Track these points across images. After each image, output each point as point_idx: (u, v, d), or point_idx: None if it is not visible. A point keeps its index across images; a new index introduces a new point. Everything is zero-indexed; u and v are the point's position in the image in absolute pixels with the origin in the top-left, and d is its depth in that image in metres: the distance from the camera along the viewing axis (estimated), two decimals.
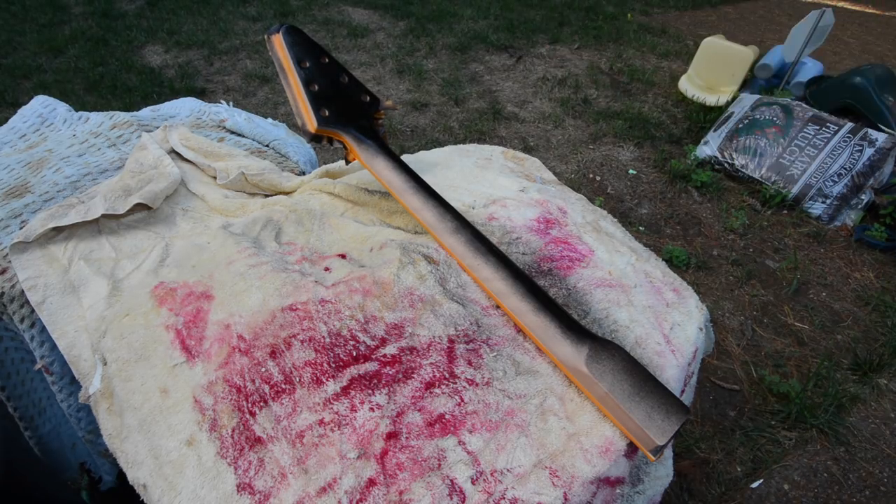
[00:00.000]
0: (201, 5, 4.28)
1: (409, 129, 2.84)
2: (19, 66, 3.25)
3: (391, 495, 0.48)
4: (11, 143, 0.99)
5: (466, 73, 3.45)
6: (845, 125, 2.34)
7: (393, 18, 4.22)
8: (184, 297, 0.64)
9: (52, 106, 1.08)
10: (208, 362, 0.57)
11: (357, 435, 0.52)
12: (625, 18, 4.49)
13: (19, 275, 0.67)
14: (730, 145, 2.54)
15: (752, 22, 4.80)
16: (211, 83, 3.19)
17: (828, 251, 2.19)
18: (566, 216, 0.80)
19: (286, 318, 0.60)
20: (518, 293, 0.60)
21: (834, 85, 2.74)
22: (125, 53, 3.48)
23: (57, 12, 4.06)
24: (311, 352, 0.57)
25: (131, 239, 0.74)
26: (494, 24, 4.19)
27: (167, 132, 0.93)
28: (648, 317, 0.67)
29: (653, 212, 2.37)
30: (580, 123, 2.98)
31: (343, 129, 0.70)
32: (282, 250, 0.73)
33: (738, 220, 2.29)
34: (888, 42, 4.58)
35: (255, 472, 0.50)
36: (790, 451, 1.48)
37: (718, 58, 3.10)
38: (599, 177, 2.57)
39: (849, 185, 2.27)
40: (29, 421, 0.79)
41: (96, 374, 0.59)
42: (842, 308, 1.94)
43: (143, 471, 0.51)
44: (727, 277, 2.04)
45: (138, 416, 0.54)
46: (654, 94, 3.30)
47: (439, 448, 0.52)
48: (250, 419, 0.53)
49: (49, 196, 0.82)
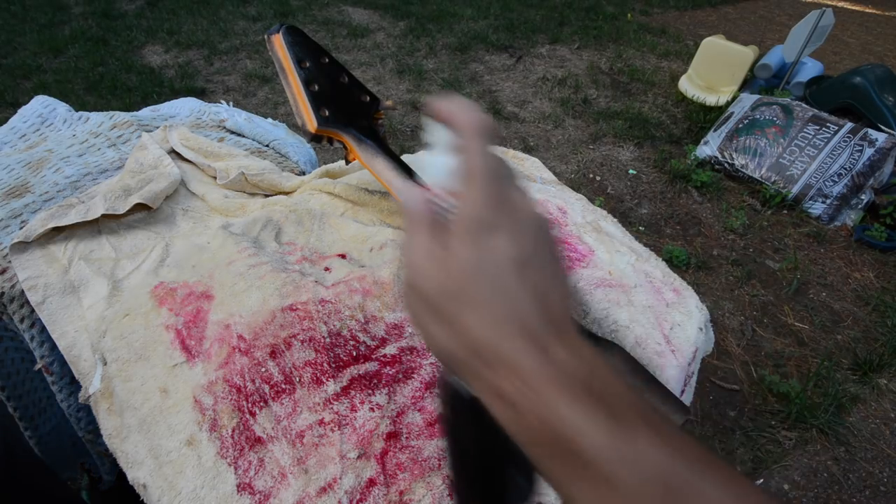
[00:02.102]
0: (201, 5, 4.28)
1: (409, 129, 2.84)
2: (19, 66, 3.25)
3: (391, 495, 0.48)
4: (11, 143, 0.99)
5: (466, 73, 3.45)
6: (845, 125, 2.34)
7: (393, 18, 4.22)
8: (184, 297, 0.64)
9: (52, 106, 1.07)
10: (208, 362, 0.57)
11: (357, 435, 0.52)
12: (625, 18, 4.49)
13: (19, 275, 0.67)
14: (730, 145, 2.54)
15: (752, 22, 4.80)
16: (211, 83, 3.19)
17: (828, 251, 2.19)
18: (566, 216, 0.80)
19: (286, 318, 0.60)
20: None
21: (834, 85, 2.74)
22: (125, 53, 3.48)
23: (57, 12, 4.06)
24: (311, 352, 0.57)
25: (131, 239, 0.74)
26: (494, 24, 4.19)
27: (167, 132, 0.93)
28: (648, 317, 0.67)
29: (653, 212, 2.37)
30: (580, 123, 2.98)
31: (343, 128, 0.70)
32: (282, 250, 0.73)
33: (738, 220, 2.29)
34: (888, 42, 4.58)
35: (256, 472, 0.50)
36: (790, 451, 1.48)
37: (718, 58, 3.10)
38: (599, 177, 2.57)
39: (849, 185, 2.27)
40: (29, 421, 0.79)
41: (96, 374, 0.59)
42: (842, 308, 1.94)
43: (143, 471, 0.51)
44: (727, 277, 2.04)
45: (138, 416, 0.54)
46: (654, 94, 3.30)
47: (439, 448, 0.52)
48: (250, 419, 0.53)
49: (49, 196, 0.82)
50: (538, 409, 0.22)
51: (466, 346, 0.24)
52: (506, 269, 0.24)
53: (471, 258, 0.24)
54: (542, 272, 0.25)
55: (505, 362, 0.23)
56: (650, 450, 0.20)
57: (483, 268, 0.24)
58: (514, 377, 0.22)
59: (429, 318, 0.26)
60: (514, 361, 0.23)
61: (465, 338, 0.24)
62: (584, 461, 0.20)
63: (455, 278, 0.24)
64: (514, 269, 0.24)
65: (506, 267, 0.24)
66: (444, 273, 0.25)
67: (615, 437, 0.20)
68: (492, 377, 0.23)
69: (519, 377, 0.22)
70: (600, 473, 0.20)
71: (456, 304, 0.24)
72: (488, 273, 0.24)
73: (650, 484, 0.19)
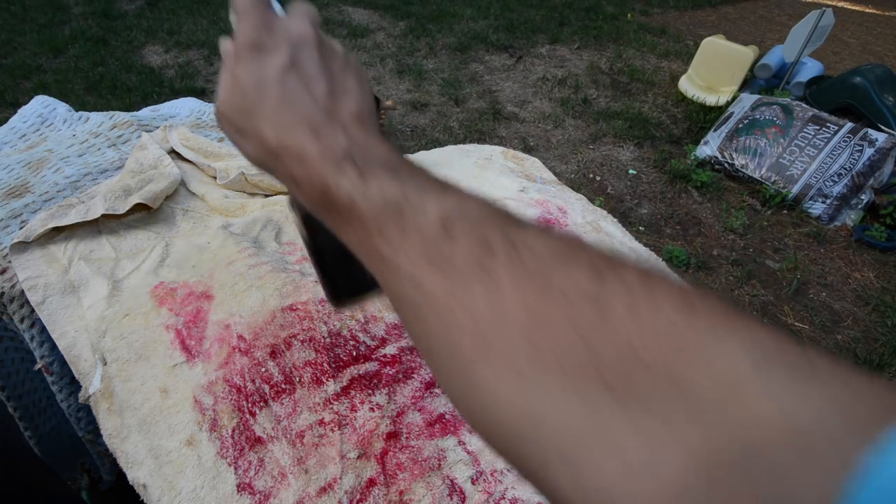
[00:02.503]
0: (201, 5, 4.28)
1: (409, 129, 2.84)
2: (19, 66, 3.25)
3: (391, 495, 0.48)
4: (11, 143, 0.99)
5: (466, 73, 3.45)
6: (845, 125, 2.34)
7: (393, 18, 4.22)
8: (184, 297, 0.64)
9: (52, 106, 1.07)
10: (208, 362, 0.57)
11: (357, 435, 0.52)
12: (625, 18, 4.49)
13: (19, 275, 0.67)
14: (730, 145, 2.54)
15: (752, 22, 4.80)
16: (211, 83, 3.19)
17: (828, 251, 2.19)
18: (566, 216, 0.80)
19: (286, 318, 0.60)
20: None
21: (834, 85, 2.74)
22: (125, 53, 3.48)
23: (57, 12, 4.06)
24: (311, 352, 0.57)
25: (131, 239, 0.74)
26: (494, 24, 4.19)
27: (167, 132, 0.93)
28: None
29: (653, 212, 2.37)
30: (580, 123, 2.98)
31: None
32: (282, 250, 0.73)
33: (738, 220, 2.29)
34: (888, 42, 4.58)
35: (256, 472, 0.50)
36: None
37: (718, 58, 3.10)
38: (599, 177, 2.57)
39: (849, 185, 2.27)
40: (29, 421, 0.79)
41: (96, 374, 0.59)
42: (842, 308, 1.94)
43: (143, 471, 0.51)
44: (727, 277, 2.04)
45: (138, 416, 0.54)
46: (654, 94, 3.30)
47: (439, 448, 0.52)
48: (250, 419, 0.53)
49: (49, 196, 0.82)
50: (313, 179, 0.27)
51: (266, 150, 0.29)
52: (279, 78, 0.29)
53: (249, 77, 0.29)
54: (318, 79, 0.30)
55: (291, 153, 0.28)
56: (382, 185, 0.25)
57: (261, 82, 0.29)
58: (297, 162, 0.28)
59: (236, 136, 0.31)
60: (297, 150, 0.28)
61: (263, 144, 0.29)
62: (342, 207, 0.26)
63: (243, 97, 0.29)
64: (287, 77, 0.29)
65: (278, 77, 0.29)
66: (234, 95, 0.30)
67: (357, 183, 0.25)
68: (284, 167, 0.29)
69: (300, 161, 0.27)
70: (353, 213, 0.25)
71: (250, 118, 0.29)
72: (266, 86, 0.29)
73: (381, 208, 0.24)
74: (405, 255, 0.23)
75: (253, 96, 0.29)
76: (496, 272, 0.20)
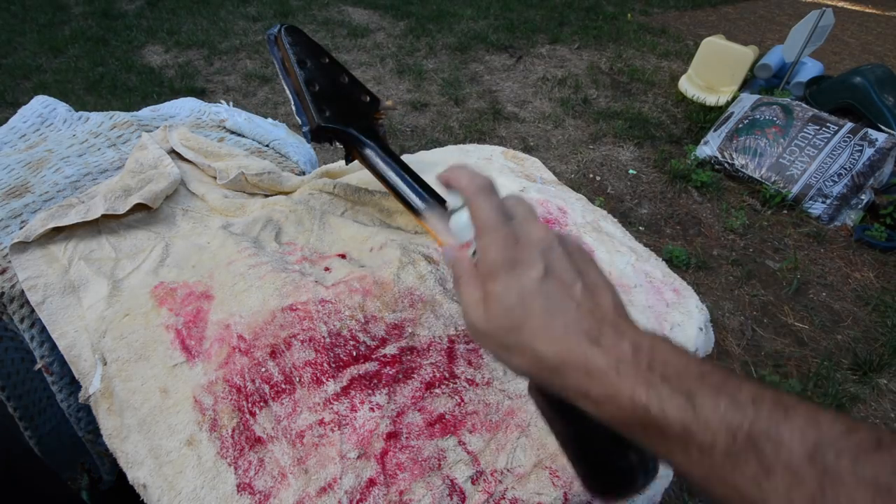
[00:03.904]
0: (201, 5, 4.28)
1: (409, 129, 2.84)
2: (19, 66, 3.25)
3: (391, 495, 0.48)
4: (11, 143, 0.98)
5: (466, 73, 3.45)
6: (845, 125, 2.34)
7: (393, 18, 4.22)
8: (184, 297, 0.64)
9: (52, 106, 1.07)
10: (208, 362, 0.57)
11: (357, 435, 0.52)
12: (625, 18, 4.49)
13: (19, 275, 0.67)
14: (730, 145, 2.54)
15: (752, 22, 4.80)
16: (211, 83, 3.19)
17: (828, 251, 2.19)
18: (566, 216, 0.80)
19: (286, 318, 0.60)
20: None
21: (834, 85, 2.74)
22: (125, 53, 3.48)
23: (57, 12, 4.06)
24: (311, 352, 0.57)
25: (131, 239, 0.74)
26: (494, 24, 4.19)
27: (167, 132, 0.93)
28: (648, 317, 0.67)
29: (653, 212, 2.37)
30: (580, 123, 2.98)
31: (343, 128, 0.70)
32: (282, 250, 0.73)
33: (738, 220, 2.29)
34: (888, 42, 4.58)
35: (256, 472, 0.50)
36: None
37: (718, 58, 3.10)
38: (599, 177, 2.57)
39: (849, 185, 2.27)
40: (29, 421, 0.79)
41: (96, 374, 0.59)
42: (842, 308, 1.94)
43: (143, 471, 0.51)
44: (727, 277, 2.04)
45: (138, 416, 0.54)
46: (654, 94, 3.30)
47: (439, 448, 0.52)
48: (250, 419, 0.53)
49: (49, 196, 0.82)
50: (617, 400, 0.25)
51: (542, 365, 0.28)
52: (539, 290, 0.28)
53: (509, 293, 0.28)
54: (574, 280, 0.29)
55: (575, 367, 0.26)
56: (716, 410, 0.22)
57: (523, 297, 0.28)
58: (585, 376, 0.26)
59: (501, 352, 0.30)
60: (581, 363, 0.26)
61: (538, 360, 0.28)
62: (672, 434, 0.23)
63: (507, 315, 0.28)
64: (546, 287, 0.28)
65: (538, 289, 0.28)
66: (496, 313, 0.29)
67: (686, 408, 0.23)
68: (569, 381, 0.27)
69: (589, 375, 0.26)
70: (690, 442, 0.23)
71: (516, 335, 0.28)
72: (529, 300, 0.28)
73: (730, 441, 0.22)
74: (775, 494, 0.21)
75: (518, 312, 0.28)
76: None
